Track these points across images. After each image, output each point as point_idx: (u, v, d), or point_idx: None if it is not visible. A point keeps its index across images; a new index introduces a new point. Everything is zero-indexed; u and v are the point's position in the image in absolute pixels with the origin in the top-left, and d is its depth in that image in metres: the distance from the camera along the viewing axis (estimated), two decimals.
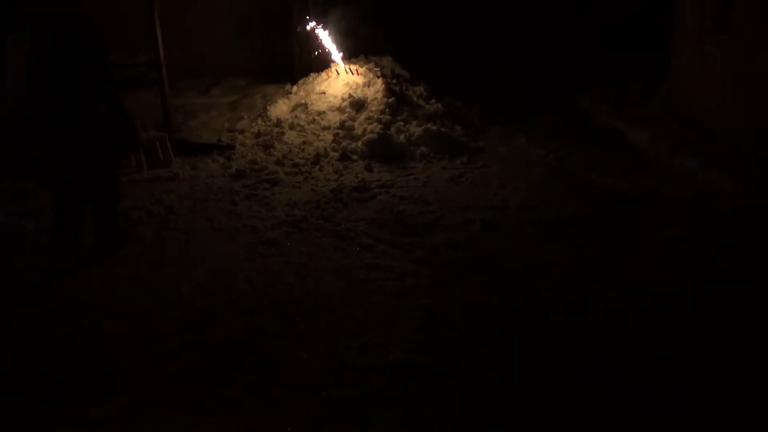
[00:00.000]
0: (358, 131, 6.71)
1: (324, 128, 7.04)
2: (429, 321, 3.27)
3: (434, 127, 6.69)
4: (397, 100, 7.19)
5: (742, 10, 6.04)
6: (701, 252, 4.05)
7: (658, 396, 2.64)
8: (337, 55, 8.23)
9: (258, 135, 6.90)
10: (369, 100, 7.26)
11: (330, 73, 8.05)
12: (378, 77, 7.65)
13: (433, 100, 7.46)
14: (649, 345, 3.01)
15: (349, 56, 8.51)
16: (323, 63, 8.43)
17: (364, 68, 8.00)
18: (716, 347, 2.98)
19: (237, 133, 7.05)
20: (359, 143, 6.46)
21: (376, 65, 8.15)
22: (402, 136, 6.58)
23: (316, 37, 8.42)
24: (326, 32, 8.31)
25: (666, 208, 4.87)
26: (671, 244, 4.18)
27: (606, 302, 3.44)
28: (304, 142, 6.71)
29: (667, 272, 3.80)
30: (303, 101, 7.58)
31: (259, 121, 7.29)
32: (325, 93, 7.70)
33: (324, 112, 7.32)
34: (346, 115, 7.11)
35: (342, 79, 7.86)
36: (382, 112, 6.96)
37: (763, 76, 5.64)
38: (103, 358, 3.00)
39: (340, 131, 6.79)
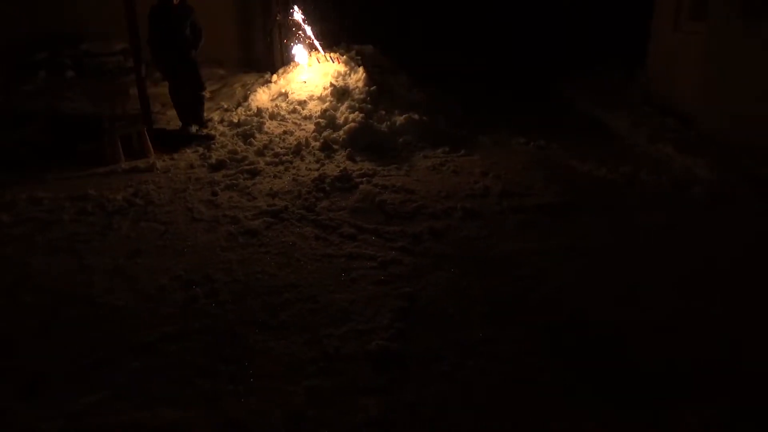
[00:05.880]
0: (340, 120, 6.67)
1: (305, 118, 6.98)
2: (411, 309, 3.28)
3: (416, 116, 6.67)
4: (379, 89, 7.15)
5: None
6: (679, 237, 4.11)
7: (641, 382, 2.68)
8: (317, 44, 8.15)
9: (238, 125, 6.83)
10: (350, 89, 7.22)
11: (311, 62, 7.98)
12: (359, 66, 7.60)
13: (415, 89, 7.44)
14: (631, 330, 3.05)
15: (330, 44, 8.44)
16: (303, 51, 8.34)
17: (345, 57, 7.94)
18: (699, 332, 3.03)
19: (215, 122, 6.97)
20: (341, 132, 6.42)
21: (358, 53, 8.09)
22: (384, 125, 6.55)
23: (296, 25, 8.33)
24: (307, 20, 8.22)
25: (644, 194, 4.94)
26: (650, 230, 4.24)
27: (587, 288, 3.48)
28: (284, 132, 6.65)
29: (647, 258, 3.84)
30: (283, 90, 7.51)
31: (239, 110, 7.21)
32: (305, 82, 7.64)
33: (305, 101, 7.27)
34: (327, 104, 7.06)
35: (323, 68, 7.80)
36: (364, 101, 6.93)
37: (737, 64, 5.72)
38: (80, 351, 2.96)
39: (321, 120, 6.75)
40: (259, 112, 7.07)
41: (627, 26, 8.52)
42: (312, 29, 8.21)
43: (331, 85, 7.29)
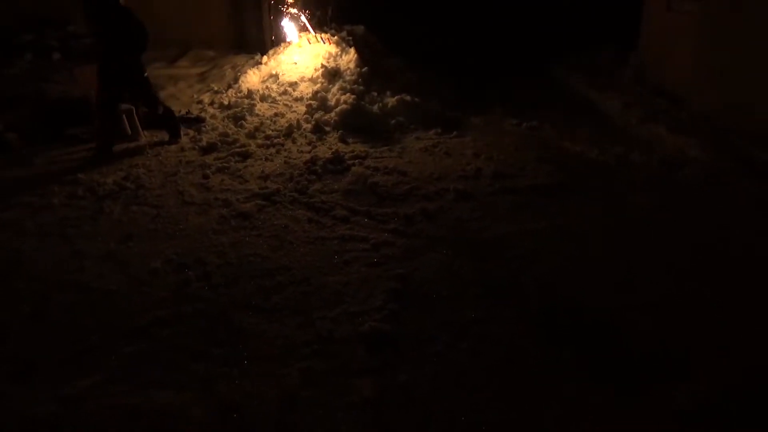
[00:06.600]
0: (331, 102, 6.62)
1: (296, 99, 6.93)
2: (404, 290, 3.29)
3: (408, 98, 6.63)
4: (371, 71, 7.10)
5: None
6: (672, 219, 4.13)
7: (634, 364, 2.70)
8: (308, 24, 8.05)
9: (228, 107, 6.76)
10: (342, 70, 7.16)
11: (301, 43, 7.89)
12: (350, 47, 7.52)
13: (407, 71, 7.39)
14: (624, 313, 3.07)
15: (321, 25, 8.34)
16: (294, 32, 8.24)
17: (336, 37, 7.85)
18: (692, 315, 3.05)
19: (206, 105, 6.89)
20: (332, 114, 6.38)
21: (349, 34, 8.00)
22: (376, 107, 6.51)
23: (286, 6, 8.21)
24: (297, 0, 8.12)
25: (636, 175, 4.95)
26: (643, 212, 4.25)
27: (579, 270, 3.50)
28: (276, 114, 6.60)
29: (640, 240, 3.86)
30: (274, 72, 7.43)
31: (230, 92, 7.13)
32: (296, 63, 7.56)
33: (296, 83, 7.20)
34: (318, 85, 7.00)
35: (314, 49, 7.72)
36: (356, 82, 6.87)
37: (730, 45, 5.70)
38: (73, 336, 2.95)
39: (312, 102, 6.69)
40: (250, 94, 7.00)
41: (620, 6, 8.45)
42: (303, 9, 8.10)
43: (322, 66, 7.22)
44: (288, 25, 8.20)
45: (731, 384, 2.56)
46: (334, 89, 6.81)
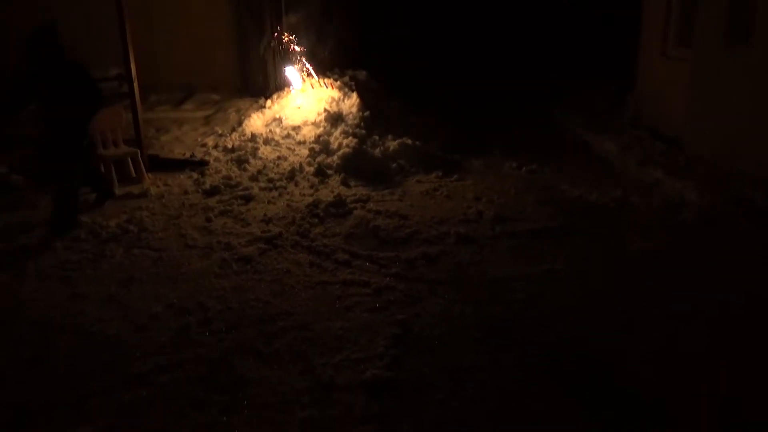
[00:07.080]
0: (334, 145, 6.72)
1: (299, 143, 7.04)
2: (405, 336, 3.27)
3: (409, 141, 6.74)
4: (373, 114, 7.23)
5: (703, 26, 6.25)
6: (670, 262, 4.14)
7: (633, 410, 2.68)
8: (311, 69, 8.25)
9: (232, 150, 6.86)
10: (344, 114, 7.29)
11: (305, 87, 8.06)
12: (353, 91, 7.69)
13: (408, 114, 7.53)
14: (623, 358, 3.06)
15: (324, 70, 8.54)
16: (298, 77, 8.44)
17: (338, 82, 8.03)
18: (691, 360, 3.03)
19: (210, 148, 7.00)
20: (335, 158, 6.47)
21: (351, 79, 8.19)
22: (378, 150, 6.61)
23: (290, 51, 8.43)
24: (300, 46, 8.34)
25: (635, 218, 4.98)
26: (641, 255, 4.27)
27: (579, 314, 3.49)
28: (279, 157, 6.69)
29: (639, 284, 3.86)
30: (278, 115, 7.57)
31: (234, 135, 7.25)
32: (299, 107, 7.71)
33: (299, 127, 7.32)
34: (321, 129, 7.12)
35: (317, 93, 7.88)
36: (358, 126, 6.99)
37: (722, 88, 5.83)
38: (73, 381, 2.93)
39: (315, 146, 6.80)
40: (254, 137, 7.11)
41: (618, 48, 8.67)
42: (306, 55, 8.31)
43: (325, 110, 7.36)
44: (292, 70, 8.40)
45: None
46: (337, 133, 6.93)
